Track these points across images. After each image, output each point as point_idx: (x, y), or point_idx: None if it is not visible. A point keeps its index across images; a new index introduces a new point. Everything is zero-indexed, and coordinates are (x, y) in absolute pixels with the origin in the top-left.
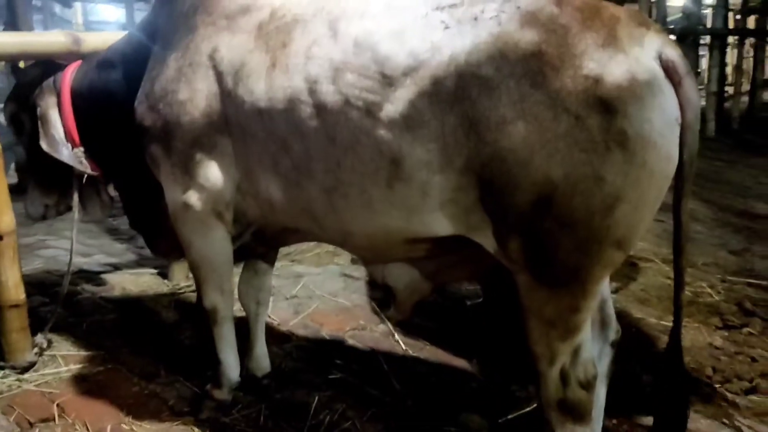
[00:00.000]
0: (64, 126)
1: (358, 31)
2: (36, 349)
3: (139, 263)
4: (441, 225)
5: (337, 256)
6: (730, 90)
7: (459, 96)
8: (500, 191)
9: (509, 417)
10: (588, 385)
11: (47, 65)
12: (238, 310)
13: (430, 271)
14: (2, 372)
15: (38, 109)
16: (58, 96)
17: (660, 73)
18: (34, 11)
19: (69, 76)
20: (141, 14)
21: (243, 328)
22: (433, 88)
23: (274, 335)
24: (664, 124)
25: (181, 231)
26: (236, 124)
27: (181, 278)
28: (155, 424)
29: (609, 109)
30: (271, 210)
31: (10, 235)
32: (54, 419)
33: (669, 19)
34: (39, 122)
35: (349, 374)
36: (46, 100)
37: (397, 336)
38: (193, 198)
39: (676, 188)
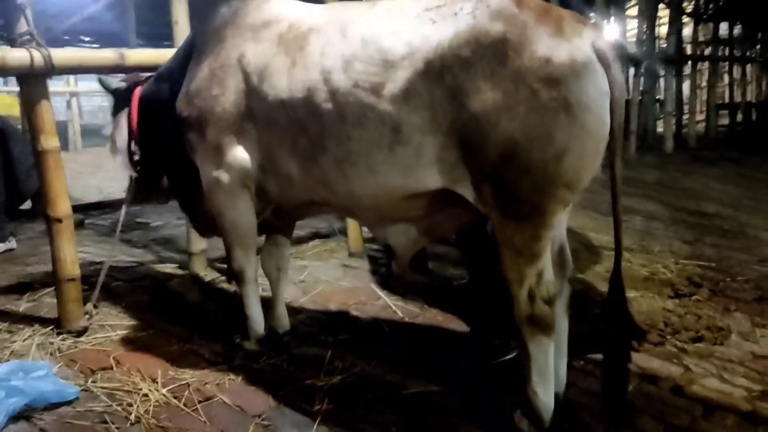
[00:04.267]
0: (130, 128)
1: (364, 32)
2: (87, 316)
3: (160, 261)
4: (432, 180)
5: (335, 252)
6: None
7: (444, 72)
8: (476, 147)
9: (493, 362)
10: (550, 301)
11: (136, 80)
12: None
13: (424, 228)
14: (62, 336)
15: (114, 118)
16: (131, 104)
17: (594, 57)
18: None
19: (140, 88)
20: None
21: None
22: (424, 67)
23: (287, 309)
24: (597, 95)
25: (213, 203)
26: (260, 113)
27: (200, 269)
28: (196, 370)
29: (556, 82)
30: (289, 185)
31: (68, 219)
32: (112, 367)
33: None
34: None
35: (355, 335)
36: (123, 110)
37: (394, 308)
38: (223, 175)
39: (610, 147)
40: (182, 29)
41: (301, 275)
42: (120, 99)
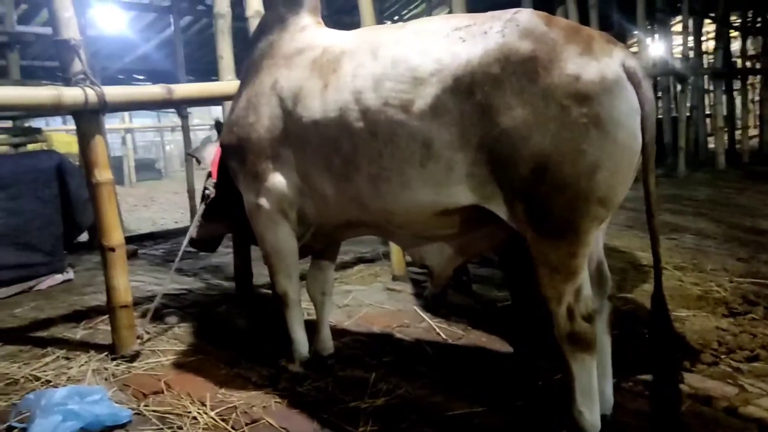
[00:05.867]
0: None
1: (394, 52)
2: (139, 341)
3: (208, 289)
4: (463, 196)
5: (379, 276)
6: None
7: (473, 89)
8: (506, 163)
9: (538, 384)
10: (589, 318)
11: None
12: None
13: (459, 247)
14: (116, 361)
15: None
16: None
17: (623, 75)
18: None
19: None
20: None
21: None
22: (453, 84)
23: (331, 332)
24: (628, 111)
25: (255, 228)
26: (295, 135)
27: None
28: (243, 393)
29: (586, 99)
30: (325, 206)
31: (120, 248)
32: (163, 391)
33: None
34: None
35: (399, 357)
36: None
37: (438, 330)
38: (263, 200)
39: (643, 163)
40: (227, 63)
41: (346, 299)
42: (219, 130)
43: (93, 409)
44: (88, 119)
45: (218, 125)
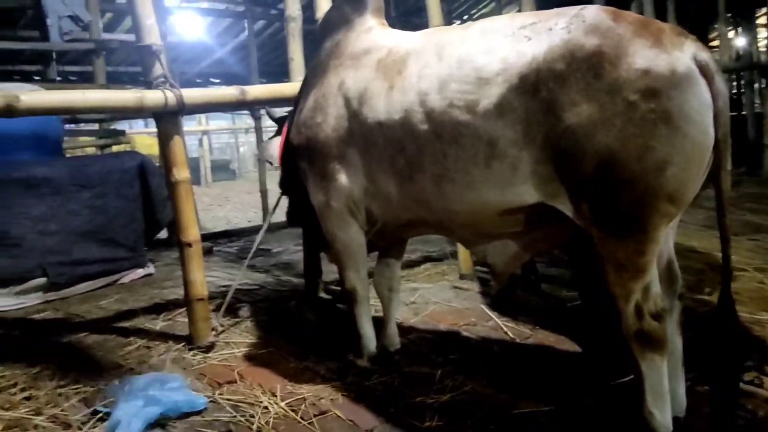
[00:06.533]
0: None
1: (460, 52)
2: (214, 332)
3: (279, 285)
4: (528, 194)
5: (446, 274)
6: None
7: (539, 86)
8: (571, 160)
9: (611, 384)
10: (659, 317)
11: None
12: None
13: (523, 245)
14: (192, 351)
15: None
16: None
17: (695, 69)
18: None
19: None
20: None
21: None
22: (519, 82)
23: (398, 329)
24: (700, 106)
25: (325, 226)
26: (360, 136)
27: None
28: (311, 386)
29: (655, 94)
30: (389, 205)
31: (197, 244)
32: (236, 381)
33: None
34: None
35: (465, 355)
36: (277, 135)
37: (505, 329)
38: (332, 199)
39: (715, 160)
40: (298, 65)
41: (413, 297)
42: (279, 125)
43: (172, 396)
44: (167, 120)
45: (278, 120)
